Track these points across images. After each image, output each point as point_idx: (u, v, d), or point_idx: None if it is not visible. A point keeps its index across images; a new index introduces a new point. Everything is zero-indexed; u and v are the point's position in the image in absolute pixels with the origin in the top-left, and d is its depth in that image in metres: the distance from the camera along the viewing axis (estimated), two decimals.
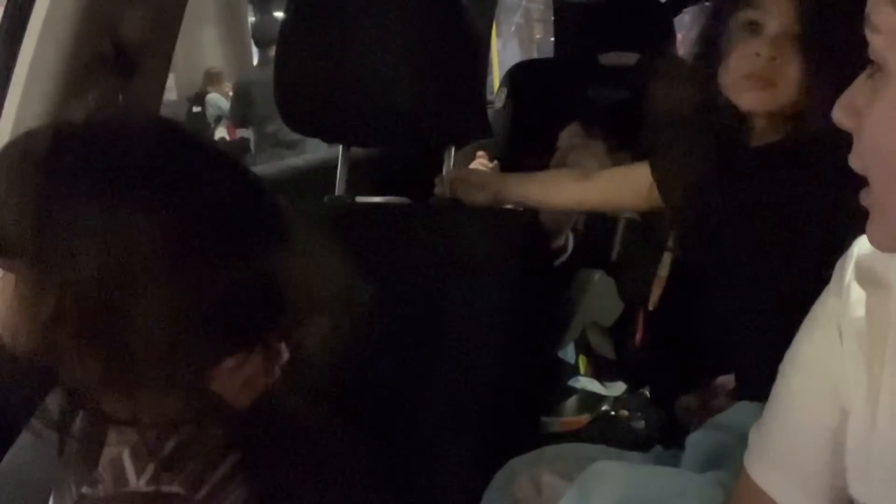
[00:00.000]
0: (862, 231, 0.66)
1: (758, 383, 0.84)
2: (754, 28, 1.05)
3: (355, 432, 0.74)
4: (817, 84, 0.99)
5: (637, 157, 1.33)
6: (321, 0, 1.28)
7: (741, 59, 1.06)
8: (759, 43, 1.04)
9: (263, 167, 2.50)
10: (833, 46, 0.90)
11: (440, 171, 1.42)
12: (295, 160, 2.88)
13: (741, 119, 1.11)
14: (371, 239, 1.23)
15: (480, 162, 1.85)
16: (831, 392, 0.71)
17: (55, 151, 0.64)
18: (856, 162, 0.64)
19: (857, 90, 0.63)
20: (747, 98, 1.07)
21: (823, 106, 0.67)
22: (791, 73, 1.03)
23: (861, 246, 0.72)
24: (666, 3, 2.66)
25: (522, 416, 1.28)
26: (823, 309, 0.74)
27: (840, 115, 0.64)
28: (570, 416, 1.47)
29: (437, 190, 1.41)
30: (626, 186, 1.30)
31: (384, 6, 1.25)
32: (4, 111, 1.13)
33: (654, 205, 1.26)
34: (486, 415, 1.17)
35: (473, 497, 1.11)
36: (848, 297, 0.71)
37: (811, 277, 0.78)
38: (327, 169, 1.55)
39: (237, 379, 0.69)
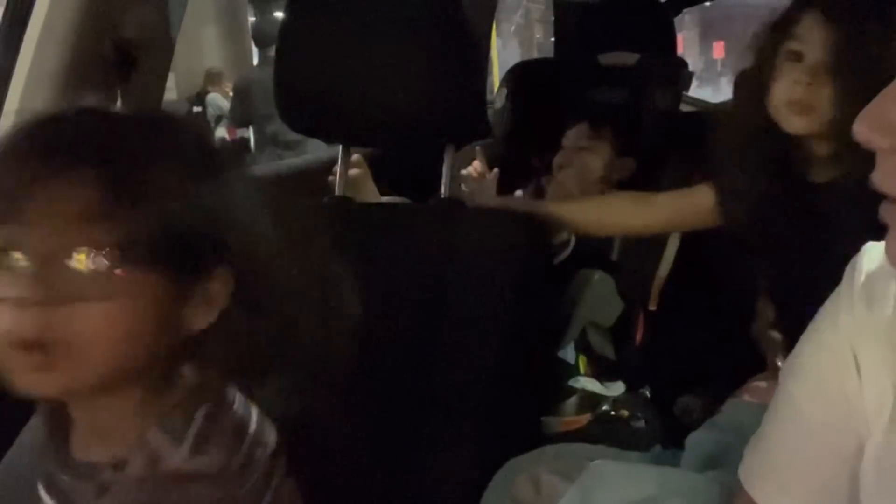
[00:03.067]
0: None
1: None
2: (797, 56, 1.15)
3: (354, 433, 0.73)
4: (849, 106, 1.03)
5: (690, 178, 1.39)
6: (321, 0, 1.28)
7: (783, 87, 1.16)
8: (799, 70, 1.14)
9: (263, 167, 2.50)
10: (860, 72, 1.03)
11: (440, 171, 1.42)
12: (295, 160, 2.88)
13: (798, 146, 1.19)
14: (371, 239, 1.23)
15: (475, 167, 1.85)
16: (845, 419, 0.68)
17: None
18: (886, 183, 0.56)
19: (890, 105, 0.55)
20: (791, 122, 1.16)
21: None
22: (826, 97, 1.13)
23: (870, 257, 0.69)
24: (666, 3, 2.66)
25: (522, 416, 1.28)
26: (834, 329, 0.70)
27: (868, 131, 0.55)
28: (570, 416, 1.47)
29: (463, 186, 1.41)
30: (688, 210, 1.37)
31: (384, 6, 1.25)
32: (4, 111, 1.13)
33: (713, 225, 1.34)
34: (486, 415, 1.17)
35: (473, 497, 1.11)
36: (860, 312, 0.67)
37: None
38: (327, 169, 1.55)
39: None
